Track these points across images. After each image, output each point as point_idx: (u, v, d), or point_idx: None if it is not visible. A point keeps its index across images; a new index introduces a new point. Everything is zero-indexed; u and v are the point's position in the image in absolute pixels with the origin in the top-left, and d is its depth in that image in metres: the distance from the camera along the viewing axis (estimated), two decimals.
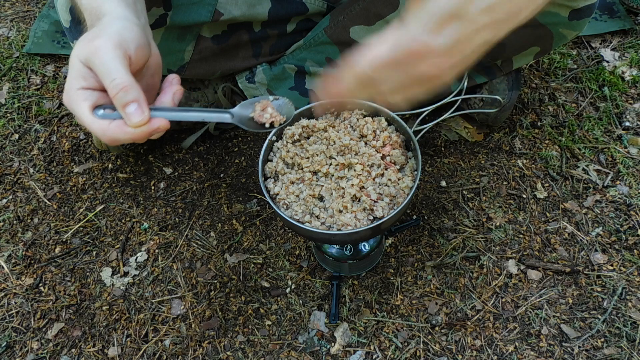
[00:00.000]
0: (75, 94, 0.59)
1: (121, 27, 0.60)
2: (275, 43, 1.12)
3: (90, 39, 0.58)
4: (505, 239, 1.09)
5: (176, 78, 0.64)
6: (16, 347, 1.02)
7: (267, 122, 0.67)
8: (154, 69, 0.65)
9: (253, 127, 0.68)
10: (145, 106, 0.58)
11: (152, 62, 0.64)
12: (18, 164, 1.28)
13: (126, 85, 0.56)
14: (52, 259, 1.12)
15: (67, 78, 0.60)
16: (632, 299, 1.00)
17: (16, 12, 1.60)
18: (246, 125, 0.68)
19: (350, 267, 1.04)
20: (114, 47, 0.57)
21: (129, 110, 0.57)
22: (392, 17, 0.97)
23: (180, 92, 0.63)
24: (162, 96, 0.63)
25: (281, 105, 0.69)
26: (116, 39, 0.58)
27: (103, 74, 0.57)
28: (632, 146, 1.20)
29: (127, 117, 0.58)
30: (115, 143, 0.60)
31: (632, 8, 1.44)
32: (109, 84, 0.56)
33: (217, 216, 1.16)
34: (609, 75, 1.32)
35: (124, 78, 0.56)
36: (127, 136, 0.59)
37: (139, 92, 0.57)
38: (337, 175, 0.80)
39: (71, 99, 0.59)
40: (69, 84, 0.59)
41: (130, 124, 0.58)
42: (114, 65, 0.56)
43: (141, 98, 0.58)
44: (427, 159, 1.21)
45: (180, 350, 1.00)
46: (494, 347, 0.97)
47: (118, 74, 0.56)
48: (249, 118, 0.68)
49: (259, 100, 0.68)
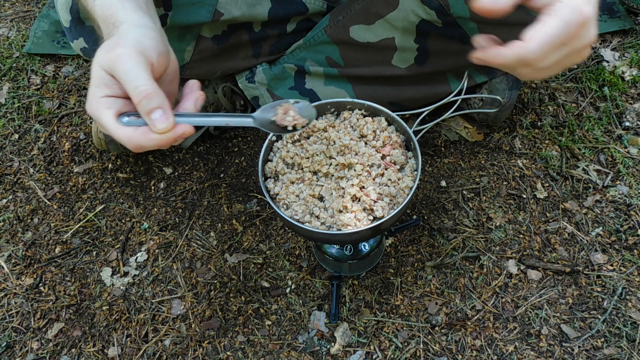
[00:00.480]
0: (98, 102, 0.59)
1: (142, 34, 0.60)
2: (275, 43, 1.12)
3: (112, 46, 0.58)
4: (505, 239, 1.09)
5: (196, 84, 0.64)
6: (16, 347, 1.02)
7: (290, 124, 0.68)
8: (172, 76, 0.65)
9: (275, 130, 0.69)
10: (169, 112, 0.58)
11: (171, 69, 0.64)
12: (18, 164, 1.28)
13: (150, 92, 0.56)
14: (52, 259, 1.12)
15: (89, 87, 0.60)
16: (632, 299, 1.00)
17: (16, 12, 1.60)
18: (268, 128, 0.68)
19: (350, 267, 1.04)
20: (136, 54, 0.57)
21: (154, 116, 0.57)
22: (391, 16, 0.97)
23: (202, 97, 0.63)
24: (184, 102, 0.63)
25: (302, 108, 0.70)
26: (138, 46, 0.58)
27: (126, 82, 0.57)
28: (632, 146, 1.20)
29: (152, 123, 0.58)
30: (140, 150, 0.60)
31: (632, 8, 1.44)
32: (133, 91, 0.56)
33: (217, 216, 1.16)
34: (609, 75, 1.32)
35: (147, 85, 0.56)
36: (152, 142, 0.59)
37: (163, 98, 0.57)
38: (337, 175, 0.80)
39: (94, 107, 0.59)
40: (92, 93, 0.59)
41: (155, 130, 0.58)
42: (137, 72, 0.56)
43: (165, 104, 0.58)
44: (427, 159, 1.21)
45: (180, 350, 1.00)
46: (494, 347, 0.97)
47: (141, 80, 0.56)
48: (271, 121, 0.69)
49: (280, 104, 0.69)
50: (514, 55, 0.55)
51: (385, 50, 1.03)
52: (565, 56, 0.57)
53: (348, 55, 1.07)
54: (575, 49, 0.57)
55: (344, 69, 1.09)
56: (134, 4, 0.64)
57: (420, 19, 0.96)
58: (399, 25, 0.98)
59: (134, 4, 0.64)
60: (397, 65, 1.05)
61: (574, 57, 0.58)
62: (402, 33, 1.00)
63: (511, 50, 0.56)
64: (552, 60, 0.57)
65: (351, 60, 1.08)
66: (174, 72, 0.65)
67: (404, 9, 0.96)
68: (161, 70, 0.61)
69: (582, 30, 0.55)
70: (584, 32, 0.55)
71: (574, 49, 0.56)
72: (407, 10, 0.96)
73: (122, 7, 0.63)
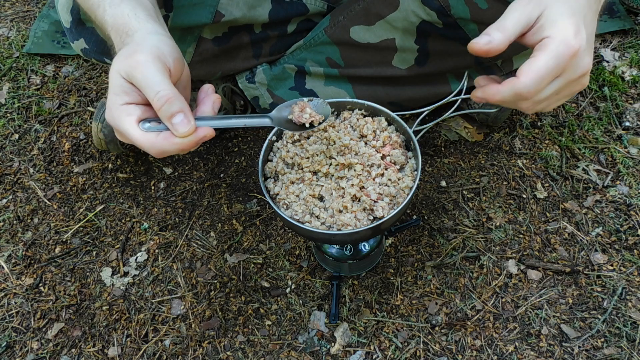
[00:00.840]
0: (119, 110, 0.59)
1: (157, 41, 0.61)
2: (275, 43, 1.12)
3: (130, 54, 0.58)
4: (505, 239, 1.09)
5: (211, 88, 0.65)
6: (16, 347, 1.02)
7: (307, 122, 0.70)
8: (186, 82, 0.66)
9: (292, 129, 0.71)
10: (190, 116, 0.59)
11: (185, 74, 0.65)
12: (18, 164, 1.28)
13: (170, 96, 0.57)
14: (52, 259, 1.12)
15: (108, 95, 0.60)
16: (632, 299, 1.00)
17: (16, 12, 1.60)
18: (285, 127, 0.70)
19: (350, 267, 1.04)
20: (154, 61, 0.58)
21: (175, 121, 0.58)
22: (392, 17, 0.97)
23: (218, 101, 0.64)
24: (202, 106, 0.64)
25: (317, 105, 0.71)
26: (155, 52, 0.58)
27: (146, 88, 0.57)
28: (632, 146, 1.20)
29: (173, 128, 0.58)
30: (163, 155, 0.60)
31: (632, 8, 1.44)
32: (154, 96, 0.57)
33: (217, 216, 1.16)
34: (609, 75, 1.32)
35: (167, 90, 0.57)
36: (175, 147, 0.59)
37: (183, 102, 0.58)
38: (337, 175, 0.80)
39: (115, 115, 0.59)
40: (112, 101, 0.59)
41: (177, 134, 0.59)
42: (157, 78, 0.57)
43: (186, 108, 0.58)
44: (427, 159, 1.21)
45: (180, 350, 1.00)
46: (494, 347, 0.97)
47: (161, 86, 0.57)
48: (288, 120, 0.70)
49: (296, 102, 0.71)
50: (510, 91, 0.57)
51: (385, 51, 1.03)
52: (562, 87, 0.59)
53: (348, 55, 1.07)
54: (571, 79, 0.58)
55: (344, 69, 1.09)
56: (146, 13, 0.65)
57: (420, 19, 0.96)
58: (400, 26, 0.98)
59: (145, 13, 0.65)
60: (397, 66, 1.05)
61: (573, 86, 0.60)
62: (403, 34, 1.00)
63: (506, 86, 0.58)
64: (549, 92, 0.59)
65: (351, 60, 1.08)
66: (187, 78, 0.66)
67: (404, 10, 0.96)
68: (178, 75, 0.62)
69: (573, 60, 0.56)
70: (575, 62, 0.57)
71: (569, 80, 0.58)
72: (408, 11, 0.96)
73: (134, 16, 0.64)
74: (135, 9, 0.65)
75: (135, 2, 0.65)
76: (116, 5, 0.65)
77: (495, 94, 0.58)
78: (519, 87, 0.56)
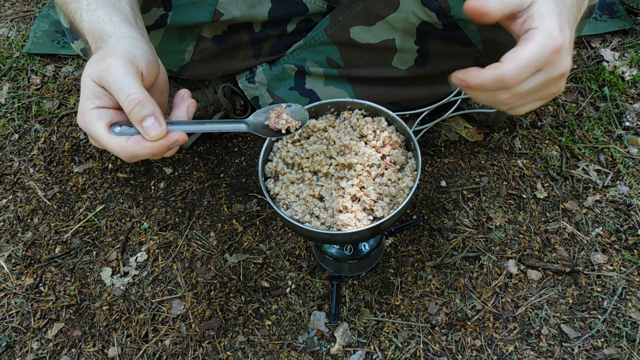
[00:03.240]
0: (90, 114, 0.59)
1: (130, 45, 0.60)
2: (275, 43, 1.12)
3: (101, 58, 0.58)
4: (505, 239, 1.09)
5: (187, 92, 0.65)
6: (16, 347, 1.02)
7: (284, 128, 0.69)
8: (163, 87, 0.66)
9: (269, 134, 0.70)
10: (162, 119, 0.58)
11: (161, 80, 0.65)
12: (18, 164, 1.28)
13: (141, 100, 0.57)
14: (52, 259, 1.12)
15: (80, 99, 0.60)
16: (632, 299, 1.00)
17: (16, 12, 1.60)
18: (261, 132, 0.69)
19: (350, 267, 1.04)
20: (126, 64, 0.57)
21: (146, 124, 0.57)
22: (392, 17, 0.98)
23: (193, 105, 0.64)
24: (176, 110, 0.63)
25: (294, 111, 0.71)
26: (127, 55, 0.58)
27: (117, 91, 0.57)
28: (632, 146, 1.20)
29: (144, 131, 0.58)
30: (134, 159, 0.60)
31: (632, 8, 1.44)
32: (124, 100, 0.57)
33: (217, 216, 1.16)
34: (609, 75, 1.32)
35: (138, 93, 0.57)
36: (145, 151, 0.59)
37: (154, 106, 0.58)
38: (337, 175, 0.80)
39: (86, 119, 0.59)
40: (83, 105, 0.59)
41: (148, 138, 0.58)
42: (128, 81, 0.57)
43: (157, 112, 0.58)
44: (427, 159, 1.21)
45: (180, 350, 1.00)
46: (494, 347, 0.97)
47: (132, 89, 0.57)
48: (264, 126, 0.70)
49: (273, 108, 0.70)
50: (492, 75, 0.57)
51: (385, 51, 1.03)
52: (542, 83, 0.58)
53: (348, 56, 1.07)
54: (551, 77, 0.58)
55: (344, 69, 1.09)
56: (122, 17, 0.65)
57: (420, 20, 0.96)
58: (400, 26, 0.98)
59: (122, 17, 0.65)
60: (397, 66, 1.05)
61: (552, 86, 0.60)
62: (403, 34, 1.00)
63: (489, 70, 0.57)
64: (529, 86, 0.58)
65: (351, 61, 1.08)
66: (163, 83, 0.66)
67: (404, 11, 0.96)
68: (151, 79, 0.62)
69: (557, 56, 0.56)
70: (558, 58, 0.57)
71: (550, 77, 0.58)
72: (408, 12, 0.96)
73: (110, 21, 0.64)
74: (111, 14, 0.64)
75: (111, 8, 0.65)
76: (92, 11, 0.65)
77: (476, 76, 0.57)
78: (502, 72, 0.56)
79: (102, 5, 0.65)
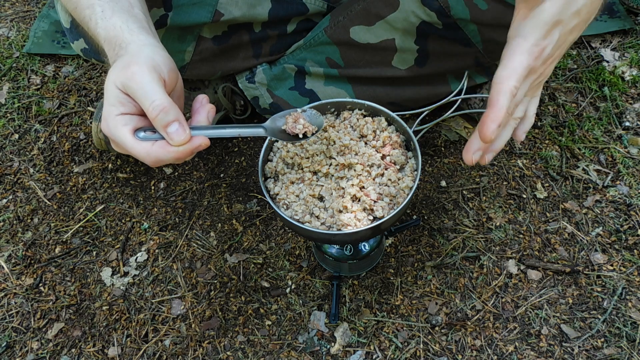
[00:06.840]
0: (114, 120, 0.60)
1: (152, 52, 0.62)
2: (275, 43, 1.12)
3: (125, 65, 0.60)
4: (505, 239, 1.09)
5: (205, 98, 0.66)
6: (16, 347, 1.02)
7: (301, 132, 0.71)
8: (180, 91, 0.67)
9: (286, 139, 0.72)
10: (185, 125, 0.60)
11: (178, 85, 0.66)
12: (18, 164, 1.28)
13: (166, 106, 0.58)
14: (52, 259, 1.12)
15: (104, 106, 0.61)
16: (632, 299, 1.01)
17: (16, 12, 1.60)
18: (279, 137, 0.71)
19: (350, 267, 1.04)
20: (150, 71, 0.59)
21: (170, 130, 0.59)
22: (392, 17, 0.98)
23: (213, 110, 0.66)
24: (197, 116, 0.65)
25: (311, 116, 0.73)
26: (150, 63, 0.60)
27: (142, 98, 0.58)
28: (632, 146, 1.20)
29: (169, 137, 0.60)
30: (158, 164, 0.62)
31: (632, 8, 1.44)
32: (149, 106, 0.58)
33: (217, 216, 1.16)
34: (609, 75, 1.32)
35: (162, 100, 0.58)
36: (170, 155, 0.61)
37: (178, 112, 0.59)
38: (337, 175, 0.80)
39: (110, 125, 0.60)
40: (107, 111, 0.61)
41: (173, 143, 0.60)
42: (152, 88, 0.58)
43: (181, 117, 0.60)
44: (427, 159, 1.21)
45: (180, 350, 1.00)
46: (494, 347, 0.97)
47: (156, 95, 0.58)
48: (281, 130, 0.72)
49: (290, 113, 0.72)
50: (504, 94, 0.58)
51: (385, 51, 1.03)
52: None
53: (348, 56, 1.07)
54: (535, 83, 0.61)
55: (344, 69, 1.09)
56: (138, 24, 0.66)
57: (420, 20, 0.96)
58: (399, 26, 0.98)
59: (137, 24, 0.66)
60: (397, 66, 1.05)
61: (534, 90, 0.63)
62: (403, 34, 1.00)
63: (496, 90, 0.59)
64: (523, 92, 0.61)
65: (351, 61, 1.08)
66: (181, 88, 0.68)
67: (404, 10, 0.96)
68: (172, 86, 0.64)
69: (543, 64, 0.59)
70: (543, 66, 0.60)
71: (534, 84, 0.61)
72: (408, 12, 0.96)
73: (127, 28, 0.65)
74: (127, 21, 0.65)
75: (127, 15, 0.66)
76: (107, 18, 0.66)
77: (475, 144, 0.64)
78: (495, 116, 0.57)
79: (117, 12, 0.66)
